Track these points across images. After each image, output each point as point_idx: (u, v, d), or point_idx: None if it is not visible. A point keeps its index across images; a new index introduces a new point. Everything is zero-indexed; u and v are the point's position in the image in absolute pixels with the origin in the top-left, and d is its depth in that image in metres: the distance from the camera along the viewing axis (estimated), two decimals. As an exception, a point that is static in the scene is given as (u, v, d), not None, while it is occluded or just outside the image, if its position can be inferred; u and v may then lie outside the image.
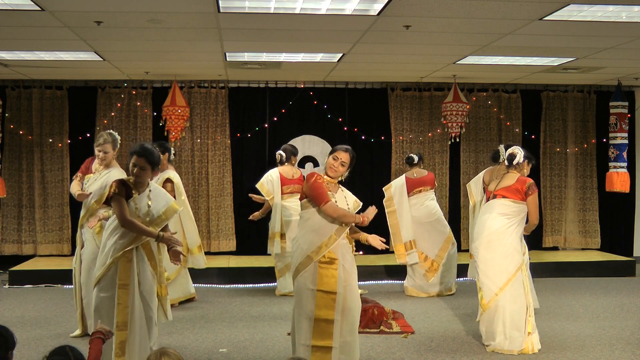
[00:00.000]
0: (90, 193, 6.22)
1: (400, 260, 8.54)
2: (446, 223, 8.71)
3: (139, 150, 5.03)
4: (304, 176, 8.33)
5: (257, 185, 8.48)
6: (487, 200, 6.31)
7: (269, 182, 8.42)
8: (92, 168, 6.57)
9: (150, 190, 5.09)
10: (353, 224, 5.12)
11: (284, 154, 8.58)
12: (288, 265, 8.18)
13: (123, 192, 4.93)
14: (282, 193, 8.41)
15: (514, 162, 6.21)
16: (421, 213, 8.54)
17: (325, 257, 4.98)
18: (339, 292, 4.95)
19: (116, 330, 4.85)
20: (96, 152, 6.42)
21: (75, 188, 6.51)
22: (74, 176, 6.70)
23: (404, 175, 8.71)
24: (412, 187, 8.58)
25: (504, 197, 6.10)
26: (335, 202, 5.05)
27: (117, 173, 6.28)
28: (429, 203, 8.59)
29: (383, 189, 8.75)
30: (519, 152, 6.23)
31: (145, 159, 5.00)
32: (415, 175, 8.62)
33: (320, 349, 4.91)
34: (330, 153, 5.17)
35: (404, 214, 8.52)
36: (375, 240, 5.13)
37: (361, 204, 5.28)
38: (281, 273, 8.46)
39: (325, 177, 5.15)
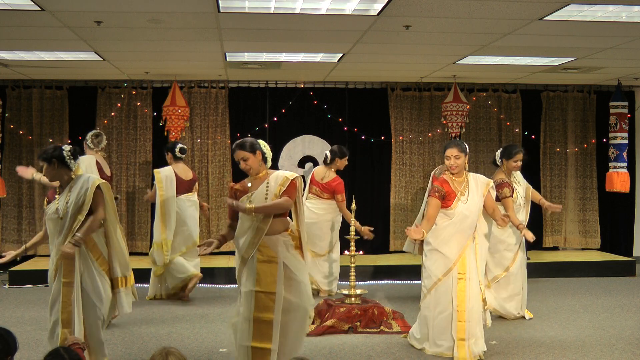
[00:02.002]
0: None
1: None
2: None
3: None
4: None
5: None
6: None
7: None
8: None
9: (73, 185, 5.12)
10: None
11: (329, 154, 8.31)
12: None
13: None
14: (308, 192, 8.32)
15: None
16: None
17: (264, 254, 4.85)
18: (278, 293, 4.83)
19: (61, 328, 5.02)
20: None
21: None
22: None
23: None
24: None
25: None
26: (250, 197, 4.93)
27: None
28: None
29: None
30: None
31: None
32: None
33: (260, 351, 4.80)
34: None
35: None
36: None
37: (293, 175, 5.00)
38: None
39: (250, 178, 5.06)
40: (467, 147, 6.02)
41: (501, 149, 7.36)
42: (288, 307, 4.89)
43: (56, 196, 5.16)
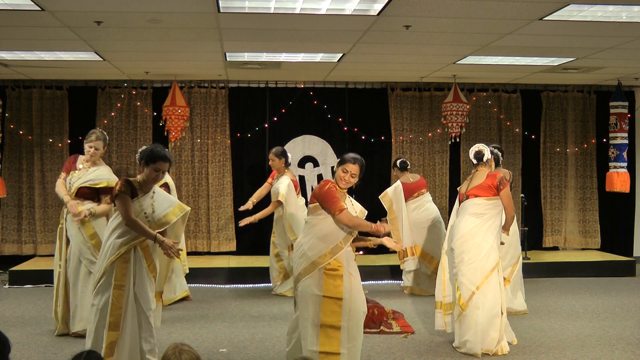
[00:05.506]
0: (87, 213, 6.19)
1: (401, 266, 8.69)
2: (443, 224, 8.66)
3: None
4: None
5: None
6: (460, 202, 6.27)
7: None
8: (76, 165, 6.54)
9: (154, 192, 5.08)
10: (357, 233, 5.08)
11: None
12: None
13: (129, 191, 4.94)
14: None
15: (484, 160, 6.23)
16: (422, 216, 8.56)
17: (331, 264, 4.90)
18: (345, 299, 4.88)
19: (107, 331, 4.85)
20: (87, 148, 6.41)
21: (61, 190, 6.40)
22: (59, 177, 6.60)
23: (398, 181, 8.60)
24: (411, 192, 8.55)
25: (476, 196, 6.08)
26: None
27: (106, 170, 6.45)
28: (428, 205, 8.63)
29: (380, 197, 8.49)
30: (486, 149, 6.24)
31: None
32: (410, 180, 8.65)
33: (328, 355, 4.84)
34: (339, 164, 5.01)
35: (404, 220, 8.44)
36: (390, 243, 5.09)
37: (366, 212, 5.21)
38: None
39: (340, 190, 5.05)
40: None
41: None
42: (350, 311, 4.96)
43: (139, 195, 5.00)
